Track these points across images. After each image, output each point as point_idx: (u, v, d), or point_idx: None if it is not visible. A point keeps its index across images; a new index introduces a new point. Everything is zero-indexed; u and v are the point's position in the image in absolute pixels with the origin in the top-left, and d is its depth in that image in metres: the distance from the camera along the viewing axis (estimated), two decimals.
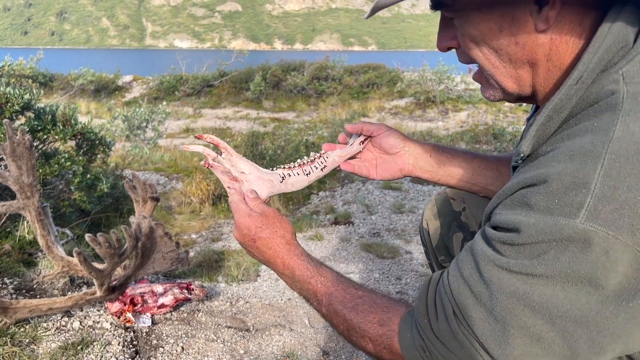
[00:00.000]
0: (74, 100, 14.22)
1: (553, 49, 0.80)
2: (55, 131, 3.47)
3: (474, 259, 0.78)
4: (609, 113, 0.69)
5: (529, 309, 0.69)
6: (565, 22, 0.78)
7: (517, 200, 0.73)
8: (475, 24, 0.83)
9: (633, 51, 0.74)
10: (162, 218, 4.29)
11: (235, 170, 1.19)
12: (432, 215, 1.39)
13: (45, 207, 2.22)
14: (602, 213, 0.64)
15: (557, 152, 0.72)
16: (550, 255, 0.67)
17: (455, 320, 0.78)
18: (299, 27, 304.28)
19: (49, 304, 2.09)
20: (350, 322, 0.94)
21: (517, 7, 0.78)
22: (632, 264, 0.64)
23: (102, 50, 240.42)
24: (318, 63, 15.63)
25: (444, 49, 0.93)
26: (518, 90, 0.88)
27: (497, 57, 0.85)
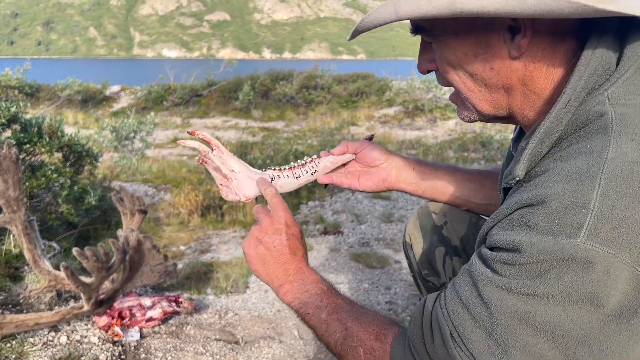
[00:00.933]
0: (60, 110, 14.11)
1: (527, 75, 0.83)
2: (41, 143, 3.45)
3: (473, 281, 0.78)
4: (601, 135, 0.72)
5: (530, 329, 0.69)
6: (537, 50, 0.81)
7: (516, 220, 0.74)
8: (452, 49, 0.86)
9: (616, 73, 0.77)
10: (150, 230, 4.27)
11: (225, 167, 1.20)
12: (414, 229, 1.40)
13: (31, 220, 2.20)
14: (602, 232, 0.65)
15: (552, 172, 0.74)
16: (552, 275, 0.67)
17: (453, 342, 0.78)
18: (287, 36, 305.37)
19: (36, 319, 2.07)
20: (351, 329, 0.94)
21: (491, 34, 0.82)
22: (630, 282, 0.65)
23: (89, 60, 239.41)
24: (307, 72, 15.67)
25: (424, 71, 0.96)
26: (494, 112, 0.91)
27: (472, 81, 0.88)
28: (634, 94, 0.75)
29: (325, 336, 0.98)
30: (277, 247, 1.08)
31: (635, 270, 0.65)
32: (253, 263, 1.10)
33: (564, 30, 0.80)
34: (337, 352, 0.96)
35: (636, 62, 0.78)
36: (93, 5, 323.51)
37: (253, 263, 1.10)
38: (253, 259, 1.10)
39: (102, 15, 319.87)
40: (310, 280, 1.04)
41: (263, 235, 1.10)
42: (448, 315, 0.80)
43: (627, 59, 0.78)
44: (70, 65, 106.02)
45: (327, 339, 0.97)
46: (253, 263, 1.10)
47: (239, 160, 1.22)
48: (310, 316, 1.00)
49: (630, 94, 0.75)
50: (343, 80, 15.61)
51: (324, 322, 0.98)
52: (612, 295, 0.65)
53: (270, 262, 1.08)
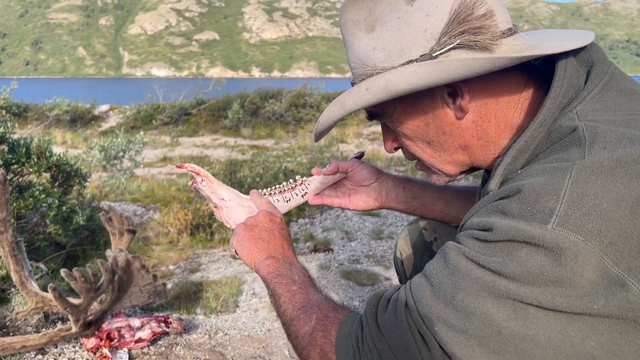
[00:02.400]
0: (49, 130, 14.04)
1: (479, 129, 0.90)
2: (29, 164, 3.43)
3: (442, 254, 0.80)
4: (576, 147, 0.75)
5: (492, 297, 0.70)
6: (480, 104, 0.88)
7: (491, 208, 0.77)
8: (405, 124, 0.93)
9: (584, 92, 0.83)
10: (139, 249, 4.24)
11: (215, 197, 1.21)
12: (405, 245, 1.42)
13: (19, 241, 2.18)
14: (572, 219, 0.68)
15: (528, 170, 0.78)
16: (521, 255, 0.69)
17: (405, 311, 0.79)
18: (276, 55, 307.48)
19: (23, 342, 2.04)
20: (314, 299, 0.96)
21: (435, 103, 0.89)
22: (596, 269, 0.66)
23: (78, 80, 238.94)
24: (296, 90, 15.76)
25: (391, 150, 1.04)
26: (459, 170, 0.98)
27: (431, 148, 0.95)
28: (601, 110, 0.80)
29: (286, 303, 0.98)
30: (274, 232, 1.14)
31: (602, 259, 0.67)
32: (244, 242, 1.13)
33: (501, 78, 0.86)
34: (291, 317, 0.96)
35: (602, 80, 0.84)
36: (82, 25, 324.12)
37: (244, 242, 1.13)
38: (246, 238, 1.13)
39: (91, 34, 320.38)
40: (297, 266, 1.07)
41: (259, 222, 1.15)
42: (409, 287, 0.81)
43: (593, 79, 0.84)
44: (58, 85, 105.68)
45: (287, 306, 0.98)
46: (244, 242, 1.13)
47: (229, 188, 1.23)
48: (282, 285, 1.01)
49: (597, 110, 0.80)
50: (332, 98, 15.61)
51: (292, 291, 0.99)
52: (577, 280, 0.67)
53: (266, 239, 1.12)
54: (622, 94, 0.83)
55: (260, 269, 1.08)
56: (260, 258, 1.09)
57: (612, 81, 0.84)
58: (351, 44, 0.92)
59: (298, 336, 0.93)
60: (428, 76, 0.81)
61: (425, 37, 0.83)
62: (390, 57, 0.86)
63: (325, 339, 0.89)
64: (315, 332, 0.90)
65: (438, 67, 0.80)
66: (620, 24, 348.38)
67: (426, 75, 0.81)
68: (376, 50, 0.87)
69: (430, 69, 0.81)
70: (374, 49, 0.88)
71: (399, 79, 0.82)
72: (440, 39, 0.83)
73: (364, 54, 0.89)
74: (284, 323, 0.98)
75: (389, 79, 0.84)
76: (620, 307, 0.67)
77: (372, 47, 0.88)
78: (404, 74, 0.82)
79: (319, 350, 0.89)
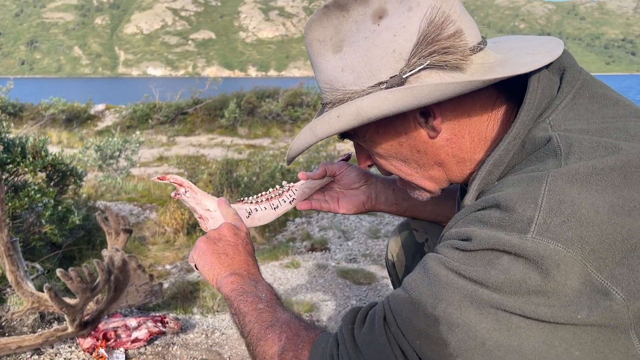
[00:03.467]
0: (44, 130, 14.00)
1: (453, 146, 0.89)
2: (25, 163, 3.42)
3: (422, 265, 0.78)
4: (552, 158, 0.75)
5: (475, 307, 0.69)
6: (452, 123, 0.87)
7: (470, 219, 0.77)
8: (379, 144, 0.92)
9: (556, 101, 0.82)
10: (136, 249, 4.23)
11: (200, 208, 1.19)
12: (396, 247, 1.41)
13: (14, 241, 2.17)
14: (551, 226, 0.67)
15: (504, 181, 0.78)
16: (502, 264, 0.68)
17: (384, 323, 0.78)
18: (272, 54, 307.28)
19: (18, 342, 2.03)
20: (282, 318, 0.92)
21: (407, 124, 0.88)
22: (580, 277, 0.66)
23: (73, 79, 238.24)
24: (292, 90, 15.75)
25: (365, 167, 1.03)
26: (438, 187, 0.97)
27: (407, 166, 0.94)
28: (573, 119, 0.80)
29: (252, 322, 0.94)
30: (238, 247, 1.09)
31: (585, 267, 0.66)
32: (205, 256, 1.08)
33: (472, 94, 0.84)
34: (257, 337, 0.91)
35: (574, 87, 0.83)
36: (77, 24, 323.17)
37: (205, 256, 1.08)
38: (208, 252, 1.08)
39: (86, 34, 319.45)
40: (262, 283, 1.03)
41: (223, 236, 1.10)
42: (387, 301, 0.80)
43: (565, 87, 0.83)
44: (54, 85, 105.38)
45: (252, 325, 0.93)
46: (205, 256, 1.08)
47: (214, 198, 1.20)
48: (247, 303, 0.97)
49: (570, 119, 0.80)
50: None
51: (258, 309, 0.95)
52: (560, 290, 0.66)
53: (230, 254, 1.07)
54: (594, 101, 0.82)
55: (222, 286, 1.03)
56: (224, 274, 1.04)
57: (583, 88, 0.84)
58: (318, 64, 0.89)
59: (265, 357, 0.88)
60: (400, 102, 0.79)
61: (394, 58, 0.82)
62: (360, 79, 0.84)
63: (296, 359, 0.85)
64: (284, 352, 0.86)
65: (410, 94, 0.79)
66: (615, 23, 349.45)
67: (398, 101, 0.79)
68: (345, 71, 0.85)
69: (402, 94, 0.79)
70: (342, 71, 0.86)
71: (370, 105, 0.81)
72: (410, 60, 0.81)
73: (333, 75, 0.87)
74: (249, 344, 0.93)
75: (360, 106, 0.82)
76: (604, 316, 0.66)
77: (341, 68, 0.86)
78: (375, 101, 0.81)
79: None
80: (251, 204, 1.23)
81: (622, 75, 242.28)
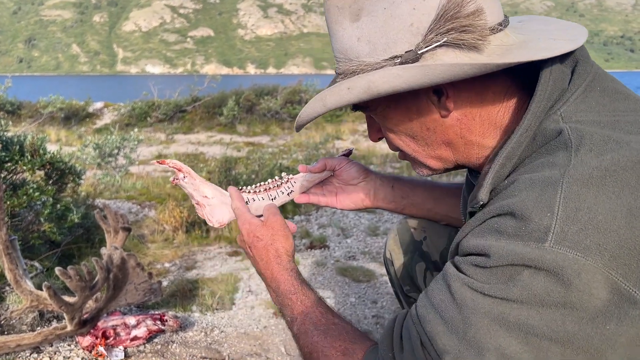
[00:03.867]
0: (43, 128, 13.97)
1: (463, 127, 0.88)
2: (23, 162, 3.41)
3: (446, 285, 0.78)
4: (562, 150, 0.74)
5: (504, 330, 0.69)
6: (466, 103, 0.86)
7: (486, 228, 0.76)
8: (389, 118, 0.92)
9: (567, 93, 0.81)
10: (135, 247, 4.22)
11: (198, 194, 1.18)
12: (394, 245, 1.41)
13: (13, 240, 2.17)
14: (569, 235, 0.66)
15: (517, 183, 0.76)
16: (524, 279, 0.68)
17: (422, 350, 0.78)
18: (271, 51, 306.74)
19: (17, 341, 2.03)
20: (316, 344, 0.94)
21: (419, 100, 0.87)
22: (605, 286, 0.65)
23: (72, 77, 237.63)
24: (291, 87, 15.73)
25: (375, 139, 1.03)
26: (443, 166, 0.97)
27: (415, 142, 0.94)
28: (585, 111, 0.79)
29: (299, 348, 0.99)
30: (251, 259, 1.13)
31: (610, 275, 0.65)
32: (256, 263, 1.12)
33: (486, 78, 0.83)
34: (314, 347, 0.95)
35: (585, 80, 0.82)
36: (75, 22, 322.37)
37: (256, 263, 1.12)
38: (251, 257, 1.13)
39: (84, 32, 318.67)
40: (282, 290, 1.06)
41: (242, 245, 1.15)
42: (419, 322, 0.80)
43: (576, 79, 0.82)
44: (52, 82, 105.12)
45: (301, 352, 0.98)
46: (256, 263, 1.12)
47: (212, 185, 1.20)
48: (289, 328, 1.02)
49: (581, 111, 0.79)
50: None
51: (296, 335, 0.99)
52: (586, 300, 0.66)
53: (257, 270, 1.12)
54: (605, 94, 0.82)
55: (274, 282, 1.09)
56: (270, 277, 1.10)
57: (595, 81, 0.83)
58: (335, 32, 0.89)
59: None
60: (412, 80, 0.79)
61: (412, 32, 0.81)
62: (375, 50, 0.83)
63: None
64: None
65: (422, 72, 0.78)
66: (614, 20, 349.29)
67: (410, 79, 0.79)
68: (360, 42, 0.85)
69: (414, 72, 0.79)
70: (358, 40, 0.85)
71: (382, 80, 0.80)
72: (427, 36, 0.80)
73: (348, 45, 0.86)
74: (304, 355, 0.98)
75: (371, 79, 0.81)
76: (634, 325, 0.66)
77: (357, 38, 0.85)
78: (386, 76, 0.80)
79: None
80: (249, 193, 1.22)
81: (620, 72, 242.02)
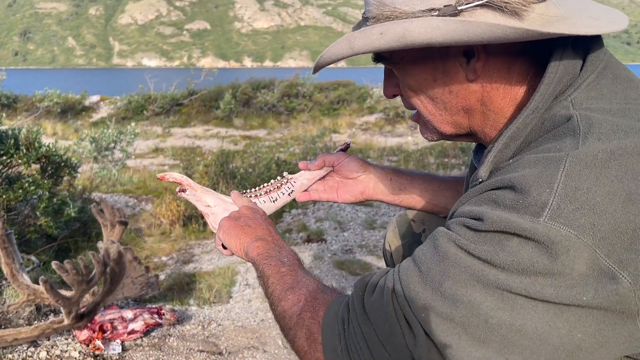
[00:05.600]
0: (39, 121, 13.91)
1: (485, 95, 0.86)
2: (18, 155, 3.40)
3: (432, 240, 0.78)
4: (570, 137, 0.74)
5: (481, 285, 0.70)
6: (493, 71, 0.84)
7: (484, 198, 0.76)
8: (412, 75, 0.88)
9: (579, 79, 0.80)
10: (132, 241, 4.22)
11: (200, 204, 1.20)
12: (394, 237, 1.41)
13: (9, 234, 2.17)
14: (565, 212, 0.67)
15: (521, 161, 0.76)
16: (512, 246, 0.68)
17: (392, 294, 0.78)
18: (268, 44, 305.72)
19: (14, 335, 2.03)
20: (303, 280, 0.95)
21: (447, 60, 0.84)
22: (588, 262, 0.66)
23: (68, 70, 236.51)
24: (288, 80, 15.69)
25: (390, 95, 0.99)
26: (455, 132, 0.94)
27: (433, 104, 0.90)
28: (596, 98, 0.78)
29: (275, 284, 0.98)
30: (258, 220, 1.13)
31: (595, 253, 0.66)
32: (230, 231, 1.12)
33: (517, 50, 0.82)
34: (279, 298, 0.95)
35: (597, 68, 0.81)
36: (71, 15, 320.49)
37: (230, 231, 1.12)
38: (232, 227, 1.12)
39: (80, 24, 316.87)
40: (287, 249, 1.07)
41: (242, 214, 1.15)
42: (398, 271, 0.80)
43: (588, 66, 0.81)
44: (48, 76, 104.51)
45: (275, 287, 0.97)
46: (230, 231, 1.12)
47: (214, 193, 1.21)
48: (271, 266, 1.00)
49: (592, 98, 0.78)
50: (324, 88, 15.67)
51: (281, 273, 0.99)
52: (568, 273, 0.66)
53: (252, 226, 1.11)
54: (617, 82, 0.81)
55: (249, 251, 1.07)
56: (249, 241, 1.08)
57: (607, 69, 0.82)
58: None
59: (285, 317, 0.93)
60: (450, 34, 0.75)
61: None
62: (412, 0, 0.79)
63: (313, 319, 0.88)
64: (303, 312, 0.90)
65: (462, 27, 0.75)
66: None
67: (449, 32, 0.75)
68: None
69: (455, 26, 0.75)
70: None
71: (418, 30, 0.76)
72: None
73: None
74: (271, 303, 0.98)
75: (407, 27, 0.77)
76: (610, 299, 0.66)
77: None
78: (424, 26, 0.76)
79: (305, 330, 0.89)
80: (250, 197, 1.24)
81: None
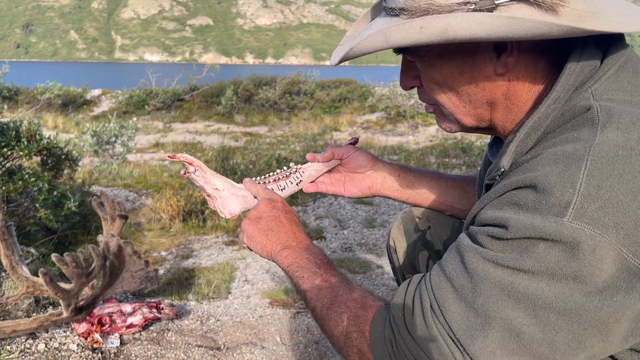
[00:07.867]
0: (40, 114, 13.90)
1: (511, 90, 0.86)
2: (19, 147, 3.39)
3: (459, 254, 0.79)
4: (588, 126, 0.74)
5: (512, 300, 0.70)
6: (521, 66, 0.83)
7: (505, 200, 0.76)
8: (438, 68, 0.87)
9: (599, 71, 0.80)
10: (131, 235, 4.22)
11: (209, 187, 1.19)
12: (398, 233, 1.41)
13: (9, 225, 2.16)
14: (588, 211, 0.67)
15: (541, 157, 0.76)
16: (539, 251, 0.69)
17: (431, 314, 0.79)
18: (270, 41, 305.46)
19: (13, 326, 2.03)
20: (340, 296, 0.95)
21: (477, 54, 0.83)
22: (615, 262, 0.66)
23: (69, 64, 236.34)
24: (290, 77, 15.67)
25: (408, 88, 0.98)
26: (476, 124, 0.94)
27: (458, 98, 0.90)
28: (616, 90, 0.78)
29: (314, 300, 0.97)
30: (280, 219, 1.11)
31: (621, 251, 0.66)
32: (254, 237, 1.10)
33: (544, 47, 0.82)
34: (321, 316, 0.95)
35: (618, 61, 0.81)
36: (74, 8, 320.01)
37: (254, 237, 1.10)
38: (255, 233, 1.11)
39: (83, 18, 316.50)
40: (313, 251, 1.05)
41: (262, 213, 1.13)
42: (431, 289, 0.81)
43: (609, 59, 0.81)
44: (50, 69, 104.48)
45: (315, 303, 0.97)
46: (254, 237, 1.10)
47: (223, 177, 1.21)
48: (305, 280, 1.00)
49: (613, 90, 0.78)
50: (326, 86, 15.65)
51: (316, 287, 0.98)
52: (597, 274, 0.67)
53: (275, 229, 1.09)
54: (638, 75, 0.81)
55: (278, 262, 1.06)
56: (276, 250, 1.07)
57: (628, 62, 0.82)
58: None
59: (333, 336, 0.93)
60: (494, 30, 0.73)
61: None
62: None
63: (361, 339, 0.89)
64: (349, 333, 0.90)
65: (509, 23, 0.73)
66: None
67: (494, 28, 0.73)
68: None
69: (500, 22, 0.74)
70: None
71: (462, 25, 0.74)
72: None
73: None
74: (314, 318, 0.98)
75: (450, 22, 0.75)
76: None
77: None
78: (468, 22, 0.74)
79: (356, 350, 0.90)
80: (259, 184, 1.23)
81: None
